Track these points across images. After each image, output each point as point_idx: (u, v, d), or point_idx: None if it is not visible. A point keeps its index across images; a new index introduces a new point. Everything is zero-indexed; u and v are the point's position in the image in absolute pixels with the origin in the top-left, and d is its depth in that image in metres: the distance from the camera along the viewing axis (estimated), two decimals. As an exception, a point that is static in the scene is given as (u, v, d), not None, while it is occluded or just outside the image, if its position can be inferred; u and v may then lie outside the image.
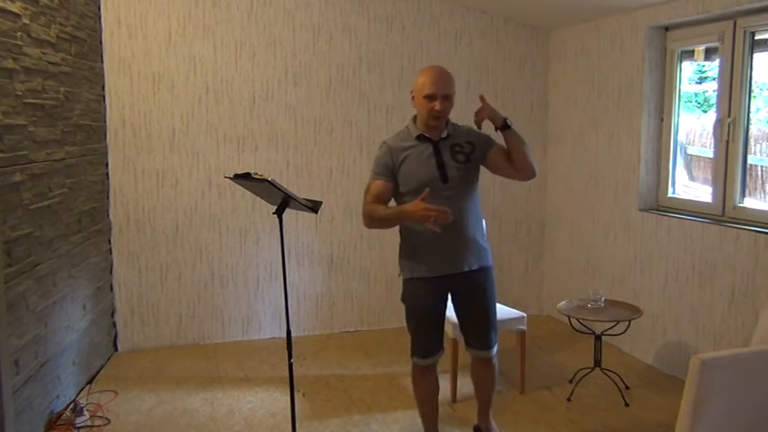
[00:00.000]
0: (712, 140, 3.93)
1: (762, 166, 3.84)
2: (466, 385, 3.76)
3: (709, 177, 4.02)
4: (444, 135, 2.83)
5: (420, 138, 2.81)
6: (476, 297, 2.91)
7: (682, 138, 4.34)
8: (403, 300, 2.97)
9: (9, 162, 2.94)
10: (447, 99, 2.76)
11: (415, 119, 2.88)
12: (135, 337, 4.59)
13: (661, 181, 4.34)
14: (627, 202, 4.42)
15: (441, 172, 2.76)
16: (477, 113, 2.80)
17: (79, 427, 3.35)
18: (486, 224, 3.62)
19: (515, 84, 5.17)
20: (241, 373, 4.18)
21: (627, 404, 3.65)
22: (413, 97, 2.84)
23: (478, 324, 2.95)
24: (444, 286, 2.87)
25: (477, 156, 2.87)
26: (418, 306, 2.89)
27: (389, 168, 2.79)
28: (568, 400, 3.72)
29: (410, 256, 2.87)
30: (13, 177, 2.97)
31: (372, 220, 2.78)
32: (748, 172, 3.79)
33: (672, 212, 4.14)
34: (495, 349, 3.01)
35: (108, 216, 4.44)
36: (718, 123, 3.82)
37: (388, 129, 4.93)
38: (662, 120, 4.30)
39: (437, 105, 2.73)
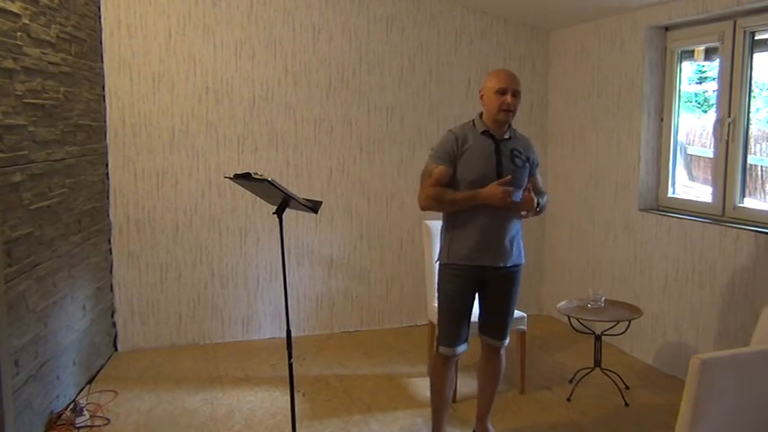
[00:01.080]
0: (712, 140, 3.93)
1: (762, 166, 3.84)
2: (466, 385, 3.76)
3: (709, 177, 4.02)
4: (507, 136, 2.95)
5: (485, 133, 2.92)
6: (505, 289, 3.02)
7: (682, 138, 4.34)
8: (439, 287, 3.04)
9: (9, 162, 2.94)
10: (516, 96, 2.88)
11: (481, 115, 2.97)
12: (135, 337, 4.59)
13: (661, 181, 4.34)
14: (627, 202, 4.42)
15: (498, 170, 2.87)
16: (525, 206, 2.90)
17: (79, 427, 3.35)
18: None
19: (515, 84, 5.16)
20: (241, 373, 4.18)
21: (627, 404, 3.65)
22: (482, 96, 2.95)
23: (499, 314, 3.06)
24: (478, 276, 2.95)
25: (529, 165, 3.01)
26: (453, 292, 2.96)
27: (452, 156, 2.89)
28: (568, 400, 3.72)
29: (453, 242, 2.94)
30: (13, 177, 2.97)
31: (440, 203, 2.89)
32: (748, 172, 3.79)
33: (672, 212, 4.14)
34: (507, 341, 3.13)
35: (108, 216, 4.44)
36: (718, 123, 3.82)
37: (388, 129, 4.94)
38: (662, 120, 4.30)
39: (508, 98, 2.85)
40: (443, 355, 3.00)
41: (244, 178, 2.78)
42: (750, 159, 3.77)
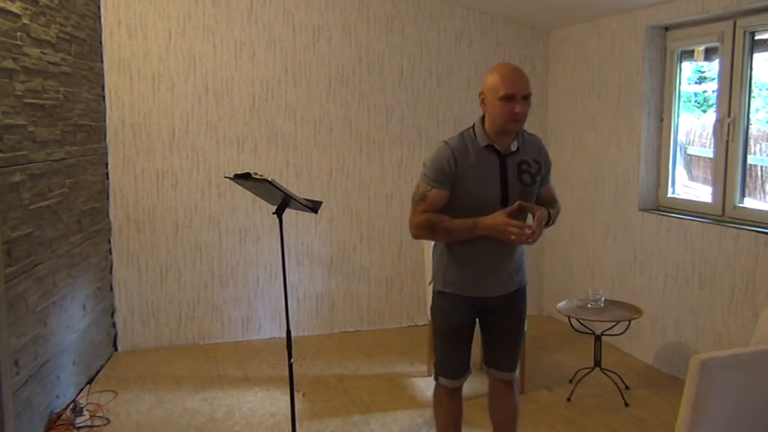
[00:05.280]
0: (712, 140, 3.93)
1: (762, 166, 3.84)
2: (466, 385, 3.75)
3: (709, 177, 4.02)
4: (514, 149, 2.47)
5: (489, 148, 2.44)
6: (510, 317, 2.66)
7: (682, 138, 4.34)
8: (432, 314, 2.72)
9: (9, 162, 2.94)
10: (527, 100, 2.40)
11: (482, 120, 2.48)
12: (135, 337, 4.59)
13: (661, 181, 4.34)
14: (627, 202, 4.42)
15: (503, 193, 2.43)
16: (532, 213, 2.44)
17: (79, 427, 3.35)
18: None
19: (515, 84, 5.16)
20: (241, 373, 4.18)
21: (627, 404, 3.65)
22: (482, 100, 2.44)
23: (508, 344, 2.69)
24: (478, 305, 2.59)
25: (539, 178, 2.55)
26: (449, 322, 2.60)
27: (450, 176, 2.41)
28: (568, 400, 3.72)
29: (450, 269, 2.55)
30: (13, 177, 2.97)
31: (433, 232, 2.46)
32: (748, 172, 3.79)
33: (672, 212, 4.14)
34: (517, 372, 2.76)
35: (108, 216, 4.44)
36: (718, 123, 3.82)
37: (388, 129, 4.94)
38: (662, 120, 4.30)
39: (517, 107, 2.35)
40: (447, 387, 2.67)
41: (243, 178, 2.78)
42: (750, 159, 3.77)
